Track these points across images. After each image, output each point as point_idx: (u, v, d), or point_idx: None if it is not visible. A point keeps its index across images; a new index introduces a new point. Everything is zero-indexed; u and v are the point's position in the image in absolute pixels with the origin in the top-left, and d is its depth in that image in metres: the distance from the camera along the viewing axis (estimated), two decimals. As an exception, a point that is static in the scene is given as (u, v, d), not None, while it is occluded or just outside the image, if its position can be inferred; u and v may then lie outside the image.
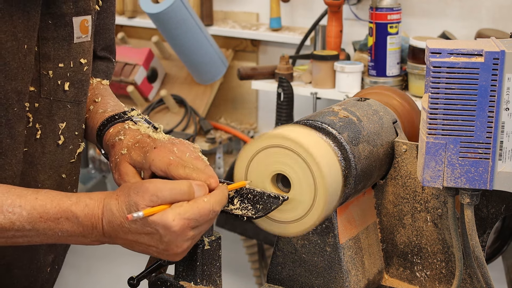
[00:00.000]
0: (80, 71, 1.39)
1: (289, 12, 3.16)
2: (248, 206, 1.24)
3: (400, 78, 2.72)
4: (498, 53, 1.16)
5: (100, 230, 1.20)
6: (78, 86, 1.40)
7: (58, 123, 1.38)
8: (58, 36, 1.34)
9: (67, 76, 1.37)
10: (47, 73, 1.34)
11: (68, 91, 1.38)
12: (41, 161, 1.38)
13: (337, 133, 1.29)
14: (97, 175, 3.56)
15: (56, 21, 1.33)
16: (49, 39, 1.33)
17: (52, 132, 1.38)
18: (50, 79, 1.35)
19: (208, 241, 1.31)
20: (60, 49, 1.35)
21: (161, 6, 2.91)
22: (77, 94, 1.40)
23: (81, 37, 1.38)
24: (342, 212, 1.36)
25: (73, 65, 1.37)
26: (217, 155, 3.19)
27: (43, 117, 1.36)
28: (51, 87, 1.36)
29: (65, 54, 1.36)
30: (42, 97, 1.35)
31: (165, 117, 3.21)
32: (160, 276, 1.37)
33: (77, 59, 1.38)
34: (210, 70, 3.15)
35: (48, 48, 1.33)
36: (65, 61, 1.36)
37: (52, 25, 1.33)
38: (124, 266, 3.57)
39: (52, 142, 1.39)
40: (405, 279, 1.45)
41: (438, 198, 1.38)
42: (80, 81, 1.40)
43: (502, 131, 1.19)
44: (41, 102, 1.35)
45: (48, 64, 1.34)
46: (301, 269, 1.38)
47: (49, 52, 1.34)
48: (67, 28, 1.35)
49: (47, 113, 1.36)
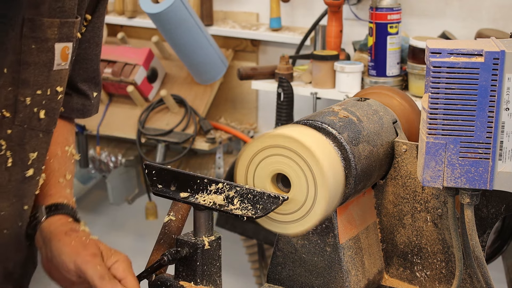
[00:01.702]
0: (54, 99, 1.35)
1: (289, 12, 3.16)
2: (248, 206, 1.24)
3: (400, 78, 2.72)
4: (498, 53, 1.16)
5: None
6: (50, 115, 1.35)
7: (29, 152, 1.34)
8: (40, 61, 1.30)
9: (43, 104, 1.32)
10: (24, 100, 1.29)
11: (43, 120, 1.33)
12: (6, 189, 1.33)
13: (337, 133, 1.29)
14: (97, 175, 3.56)
15: (39, 46, 1.29)
16: (30, 64, 1.28)
17: (21, 161, 1.33)
18: (26, 106, 1.30)
19: (208, 241, 1.31)
20: (40, 75, 1.30)
21: (161, 6, 2.91)
22: (49, 123, 1.36)
23: (60, 64, 1.33)
24: (342, 212, 1.36)
25: (49, 93, 1.33)
26: (217, 155, 3.19)
27: (14, 145, 1.31)
28: (26, 115, 1.31)
29: (44, 81, 1.31)
30: (16, 124, 1.30)
31: (165, 117, 3.22)
32: (160, 276, 1.36)
33: (54, 87, 1.33)
34: (210, 70, 3.15)
35: (29, 73, 1.29)
36: (43, 88, 1.31)
37: (35, 50, 1.28)
38: None
39: (20, 171, 1.34)
40: (405, 279, 1.45)
41: (438, 198, 1.38)
42: (53, 110, 1.35)
43: (502, 131, 1.19)
44: (14, 129, 1.30)
45: (26, 90, 1.29)
46: (301, 269, 1.38)
47: (29, 78, 1.29)
48: (48, 54, 1.30)
49: (18, 141, 1.32)
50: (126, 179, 3.46)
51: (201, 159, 3.30)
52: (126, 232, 3.83)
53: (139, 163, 3.40)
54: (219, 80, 3.23)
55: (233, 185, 1.27)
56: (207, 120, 3.18)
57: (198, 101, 3.22)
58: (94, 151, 3.40)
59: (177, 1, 2.90)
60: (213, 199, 1.27)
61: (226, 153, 3.26)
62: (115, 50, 3.29)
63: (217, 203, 1.27)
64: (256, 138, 1.26)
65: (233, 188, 1.27)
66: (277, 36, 3.11)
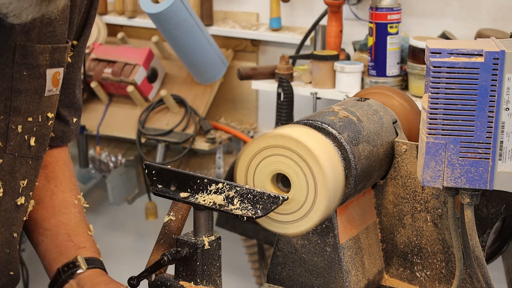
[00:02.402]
0: (45, 126, 1.33)
1: (289, 12, 3.16)
2: (248, 206, 1.24)
3: (400, 78, 2.71)
4: (498, 53, 1.16)
5: None
6: (40, 142, 1.34)
7: (19, 180, 1.33)
8: (31, 88, 1.28)
9: (33, 131, 1.31)
10: (15, 128, 1.28)
11: (33, 147, 1.32)
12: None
13: (337, 133, 1.29)
14: (97, 175, 3.56)
15: (31, 73, 1.27)
16: (22, 91, 1.27)
17: (12, 189, 1.32)
18: (17, 134, 1.29)
19: (208, 241, 1.31)
20: (31, 102, 1.29)
21: (161, 6, 2.91)
22: (39, 150, 1.34)
23: (51, 90, 1.32)
24: (342, 212, 1.36)
25: (40, 120, 1.31)
26: (217, 155, 3.19)
27: (5, 174, 1.30)
28: (17, 142, 1.29)
29: (35, 107, 1.30)
30: (7, 152, 1.29)
31: (165, 117, 3.21)
32: (160, 276, 1.36)
33: (45, 113, 1.32)
34: (210, 70, 3.15)
35: (20, 101, 1.27)
36: (34, 115, 1.30)
37: (26, 77, 1.27)
38: (124, 266, 3.57)
39: (10, 200, 1.33)
40: (405, 279, 1.45)
41: (438, 198, 1.38)
42: (43, 136, 1.34)
43: (502, 131, 1.19)
44: (5, 158, 1.29)
45: (18, 118, 1.28)
46: (301, 269, 1.38)
47: (21, 105, 1.27)
48: (40, 80, 1.29)
49: (9, 169, 1.30)
50: (126, 179, 3.46)
51: (201, 159, 3.30)
52: (126, 232, 3.83)
53: (139, 163, 3.40)
54: (219, 80, 3.23)
55: (233, 185, 1.27)
56: (207, 120, 3.18)
57: (198, 101, 3.22)
58: (94, 151, 3.40)
59: (177, 1, 2.90)
60: (213, 199, 1.28)
61: (226, 153, 3.26)
62: (115, 50, 3.29)
63: (217, 203, 1.27)
64: (256, 138, 1.26)
65: (233, 188, 1.27)
66: (277, 36, 3.11)
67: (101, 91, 3.29)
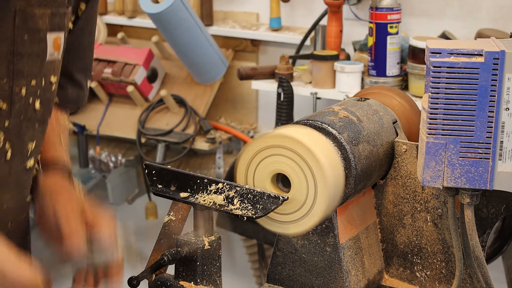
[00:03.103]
0: (49, 90, 1.35)
1: (289, 12, 3.16)
2: (248, 206, 1.24)
3: (400, 78, 2.72)
4: (498, 53, 1.16)
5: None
6: (45, 105, 1.36)
7: (27, 143, 1.34)
8: (33, 52, 1.30)
9: (38, 95, 1.33)
10: (19, 91, 1.30)
11: (38, 111, 1.34)
12: (7, 181, 1.34)
13: (337, 133, 1.29)
14: (97, 175, 3.56)
15: (32, 37, 1.29)
16: (24, 55, 1.29)
17: (20, 152, 1.34)
18: (22, 97, 1.30)
19: (208, 241, 1.31)
20: (34, 65, 1.30)
21: (161, 6, 2.91)
22: (44, 114, 1.36)
23: (53, 55, 1.33)
24: (342, 212, 1.36)
25: (44, 83, 1.33)
26: (217, 155, 3.19)
27: (12, 137, 1.32)
28: (22, 106, 1.31)
29: (38, 71, 1.32)
30: (13, 115, 1.30)
31: (165, 117, 3.22)
32: (160, 276, 1.36)
33: (48, 77, 1.34)
34: (210, 70, 3.15)
35: (23, 64, 1.29)
36: (37, 78, 1.32)
37: (27, 41, 1.28)
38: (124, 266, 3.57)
39: (20, 163, 1.34)
40: (405, 279, 1.45)
41: (438, 198, 1.38)
42: (48, 100, 1.36)
43: (502, 131, 1.19)
44: (11, 121, 1.31)
45: (21, 81, 1.30)
46: (301, 269, 1.38)
47: (23, 68, 1.29)
48: (41, 44, 1.30)
49: (16, 132, 1.32)
50: (126, 179, 3.46)
51: (201, 159, 3.30)
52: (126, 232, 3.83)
53: (139, 163, 3.40)
54: (219, 80, 3.23)
55: (233, 185, 1.27)
56: (207, 120, 3.18)
57: (198, 101, 3.22)
58: (94, 151, 3.40)
59: (177, 1, 2.90)
60: (213, 199, 1.28)
61: (226, 153, 3.26)
62: (115, 50, 3.29)
63: (217, 203, 1.27)
64: (256, 138, 1.26)
65: (233, 188, 1.27)
66: (277, 36, 3.11)
67: (101, 91, 3.29)
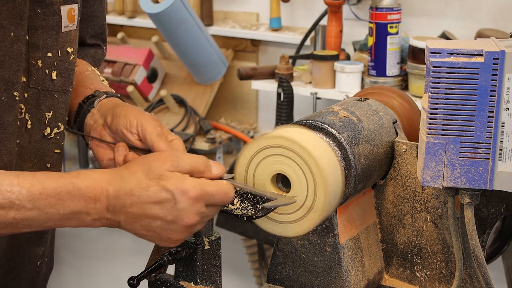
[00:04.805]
0: (66, 60, 1.40)
1: (289, 12, 3.16)
2: (248, 206, 1.24)
3: (400, 78, 2.72)
4: (498, 53, 1.16)
5: (104, 202, 1.19)
6: (65, 76, 1.40)
7: (45, 112, 1.38)
8: (47, 25, 1.34)
9: (55, 66, 1.38)
10: (36, 63, 1.35)
11: (56, 80, 1.38)
12: (27, 150, 1.38)
13: (337, 133, 1.29)
14: (97, 175, 3.55)
15: (45, 10, 1.33)
16: (38, 28, 1.33)
17: (39, 121, 1.38)
18: (38, 69, 1.35)
19: (208, 241, 1.31)
20: (49, 38, 1.35)
21: (161, 6, 2.91)
22: (64, 84, 1.40)
23: (68, 26, 1.38)
24: (342, 212, 1.36)
25: (60, 54, 1.38)
26: (217, 155, 3.19)
27: (31, 107, 1.36)
28: (40, 77, 1.36)
29: (53, 43, 1.36)
30: (31, 87, 1.35)
31: (165, 117, 3.22)
32: (160, 276, 1.37)
33: (64, 48, 1.38)
34: (210, 70, 3.15)
35: (37, 37, 1.34)
36: (53, 50, 1.36)
37: (41, 14, 1.33)
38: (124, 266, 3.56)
39: (39, 131, 1.39)
40: (405, 279, 1.45)
41: (438, 198, 1.38)
42: (67, 70, 1.40)
43: (502, 131, 1.19)
44: (30, 92, 1.35)
45: (37, 53, 1.34)
46: (301, 269, 1.38)
47: (38, 41, 1.34)
48: (55, 17, 1.35)
49: (34, 102, 1.37)
50: (126, 179, 3.45)
51: (201, 159, 3.30)
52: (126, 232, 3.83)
53: (139, 163, 3.39)
54: (219, 80, 3.23)
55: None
56: (207, 120, 3.18)
57: (198, 101, 3.22)
58: (94, 151, 3.39)
59: (177, 1, 2.91)
60: (213, 199, 1.27)
61: (226, 153, 3.26)
62: (115, 50, 3.29)
63: (217, 203, 1.27)
64: (256, 138, 1.26)
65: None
66: (277, 36, 3.11)
67: (101, 91, 3.29)
